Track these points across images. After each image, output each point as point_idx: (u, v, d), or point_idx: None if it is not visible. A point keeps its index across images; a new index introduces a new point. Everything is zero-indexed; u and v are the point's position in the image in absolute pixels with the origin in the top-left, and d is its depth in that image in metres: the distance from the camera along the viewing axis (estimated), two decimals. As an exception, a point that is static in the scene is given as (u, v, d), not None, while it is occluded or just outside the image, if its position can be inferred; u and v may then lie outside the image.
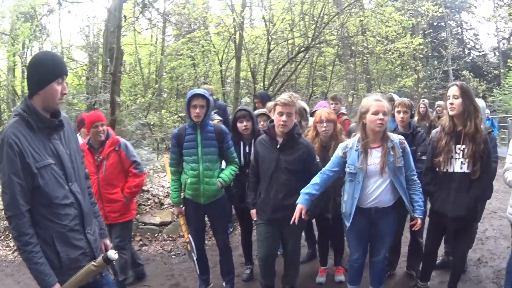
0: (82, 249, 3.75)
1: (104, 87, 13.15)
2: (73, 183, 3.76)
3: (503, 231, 9.37)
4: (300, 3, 18.53)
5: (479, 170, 5.48)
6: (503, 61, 48.73)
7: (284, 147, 5.85)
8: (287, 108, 5.67)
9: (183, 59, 24.78)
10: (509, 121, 23.86)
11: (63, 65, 3.67)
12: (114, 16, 12.71)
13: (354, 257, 5.92)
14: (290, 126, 5.77)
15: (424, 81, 32.27)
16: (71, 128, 3.97)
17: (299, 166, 5.88)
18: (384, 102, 5.37)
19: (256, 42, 20.83)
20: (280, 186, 5.85)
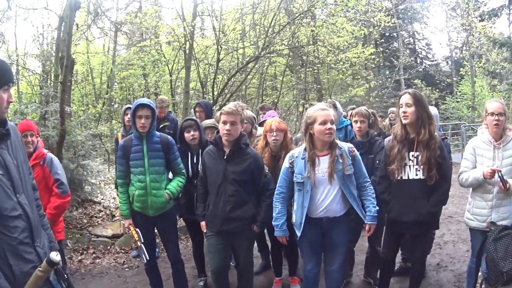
0: (33, 263, 3.52)
1: (55, 96, 12.88)
2: (20, 194, 3.51)
3: (461, 235, 9.57)
4: (252, 13, 18.39)
5: (435, 176, 5.49)
6: (455, 69, 50.01)
7: (231, 158, 5.83)
8: (231, 117, 5.68)
9: (134, 69, 24.80)
10: (463, 127, 24.43)
11: (9, 73, 3.51)
12: (66, 24, 12.49)
13: (308, 267, 5.84)
14: (235, 135, 5.78)
15: (376, 91, 32.64)
16: (18, 138, 3.82)
17: (247, 176, 5.86)
18: (330, 110, 5.36)
19: (206, 52, 20.78)
20: (228, 198, 5.80)
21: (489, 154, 5.61)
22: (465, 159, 5.82)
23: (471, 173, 5.63)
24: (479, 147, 5.69)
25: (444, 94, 44.58)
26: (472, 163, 5.76)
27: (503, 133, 5.57)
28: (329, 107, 5.51)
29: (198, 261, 7.71)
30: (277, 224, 5.65)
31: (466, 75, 46.51)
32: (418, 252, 6.10)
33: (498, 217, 5.59)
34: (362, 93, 27.14)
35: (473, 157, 5.75)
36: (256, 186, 5.97)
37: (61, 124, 10.26)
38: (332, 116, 5.26)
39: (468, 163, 5.78)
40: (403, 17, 48.42)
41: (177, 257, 6.77)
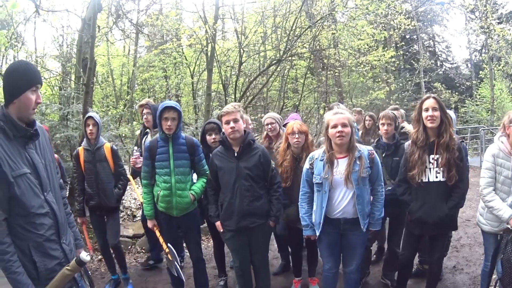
0: (58, 259, 3.69)
1: (77, 97, 13.03)
2: (48, 192, 3.70)
3: (477, 238, 9.51)
4: (273, 16, 18.47)
5: (455, 176, 5.59)
6: (475, 72, 49.51)
7: (241, 155, 6.04)
8: (232, 115, 5.91)
9: (155, 70, 24.76)
10: (482, 131, 24.18)
11: (36, 74, 3.63)
12: (88, 26, 12.61)
13: (327, 267, 5.96)
14: (241, 131, 6.00)
15: (396, 94, 32.41)
16: (46, 138, 3.93)
17: (259, 170, 6.07)
18: (344, 114, 5.47)
19: (228, 54, 20.77)
20: (244, 193, 5.97)
21: (507, 165, 5.63)
22: (488, 170, 5.77)
23: (501, 207, 5.54)
24: (498, 156, 5.69)
25: (463, 97, 44.18)
26: (494, 172, 5.73)
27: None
28: (345, 110, 5.66)
29: (219, 261, 7.81)
30: (306, 224, 5.81)
31: (486, 78, 45.99)
32: (437, 254, 6.20)
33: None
34: (383, 96, 27.05)
35: (494, 166, 5.73)
36: (266, 180, 6.18)
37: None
38: (346, 119, 5.38)
39: (492, 173, 5.73)
40: (423, 19, 48.00)
41: (199, 257, 6.91)
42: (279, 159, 6.89)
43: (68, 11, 16.77)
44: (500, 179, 5.70)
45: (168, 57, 23.42)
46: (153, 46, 22.85)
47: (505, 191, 5.70)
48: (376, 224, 5.74)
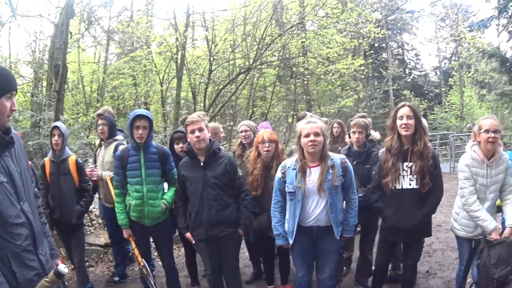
0: (36, 270, 3.55)
1: (49, 104, 12.90)
2: (24, 202, 3.55)
3: (449, 243, 9.70)
4: (243, 24, 18.47)
5: (429, 184, 5.66)
6: (444, 80, 50.11)
7: (207, 164, 6.00)
8: (197, 124, 5.86)
9: (125, 78, 24.80)
10: (451, 137, 24.52)
11: (12, 80, 3.51)
12: (61, 32, 12.51)
13: (300, 274, 5.96)
14: (206, 141, 5.96)
15: (364, 101, 32.66)
16: (21, 145, 3.81)
17: (225, 179, 6.05)
18: (316, 123, 5.48)
19: (197, 62, 20.73)
20: (211, 202, 5.94)
21: (481, 173, 5.73)
22: (467, 180, 5.84)
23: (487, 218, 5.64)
24: (472, 165, 5.78)
25: (432, 105, 44.74)
26: (473, 181, 5.80)
27: (495, 150, 5.70)
28: (318, 120, 5.66)
29: (191, 270, 7.78)
30: (278, 233, 5.79)
31: (455, 85, 46.59)
32: (411, 260, 6.28)
33: None
34: (351, 104, 27.21)
35: (471, 175, 5.81)
36: (233, 189, 6.18)
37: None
38: (319, 128, 5.38)
39: (472, 182, 5.81)
40: (393, 27, 48.62)
41: (171, 265, 6.87)
42: (250, 167, 6.91)
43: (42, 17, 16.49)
44: (476, 187, 5.80)
45: (138, 65, 23.36)
46: (123, 53, 22.75)
47: (481, 198, 5.79)
48: (349, 231, 5.76)
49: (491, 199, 5.79)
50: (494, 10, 24.80)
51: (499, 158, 5.71)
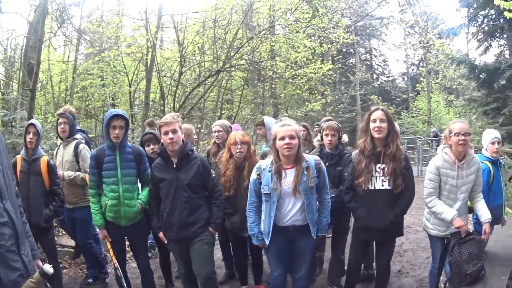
0: (19, 271, 3.46)
1: (21, 103, 12.74)
2: (6, 201, 3.47)
3: (420, 243, 9.91)
4: (213, 27, 18.51)
5: (401, 185, 5.76)
6: (411, 85, 50.56)
7: (180, 165, 5.98)
8: (171, 126, 5.82)
9: (93, 78, 24.65)
10: (418, 141, 25.05)
11: None
12: (35, 30, 12.37)
13: (275, 274, 5.97)
14: (179, 142, 5.94)
15: (332, 106, 32.81)
16: (3, 144, 3.72)
17: (198, 180, 6.02)
18: (291, 126, 5.50)
19: (167, 64, 20.71)
20: (183, 204, 5.92)
21: (452, 174, 5.84)
22: (431, 181, 5.98)
23: (444, 211, 5.80)
24: (443, 167, 5.89)
25: (399, 110, 45.42)
26: (437, 183, 5.95)
27: (466, 152, 5.83)
28: (293, 123, 5.65)
29: (165, 271, 7.75)
30: (253, 233, 5.81)
31: (422, 91, 47.14)
32: (383, 259, 6.33)
33: None
34: (319, 108, 27.33)
35: (437, 177, 5.93)
36: (205, 189, 6.15)
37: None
38: (294, 131, 5.42)
39: (434, 184, 5.94)
40: (361, 33, 48.97)
41: (147, 266, 6.81)
42: (222, 168, 6.93)
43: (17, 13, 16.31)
44: (447, 188, 5.91)
45: (107, 66, 23.23)
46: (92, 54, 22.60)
47: (452, 198, 5.93)
48: (323, 230, 5.83)
49: (461, 199, 5.90)
50: (464, 19, 25.19)
51: (470, 160, 5.84)
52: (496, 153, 6.76)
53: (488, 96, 22.29)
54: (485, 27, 23.03)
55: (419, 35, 42.23)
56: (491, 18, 22.58)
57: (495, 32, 22.49)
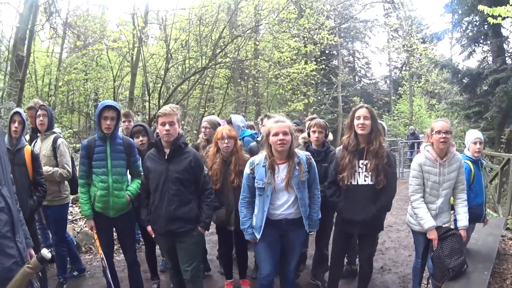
0: (14, 258, 3.41)
1: (8, 94, 12.70)
2: (3, 186, 3.44)
3: (401, 242, 10.12)
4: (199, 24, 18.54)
5: (383, 181, 5.88)
6: (394, 88, 50.74)
7: (171, 157, 5.90)
8: (169, 117, 5.78)
9: (77, 73, 24.53)
10: (400, 143, 25.50)
11: None
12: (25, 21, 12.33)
13: (264, 274, 5.98)
14: (175, 135, 5.87)
15: (314, 106, 32.91)
16: (0, 130, 3.72)
17: (189, 175, 5.93)
18: (285, 123, 5.58)
19: (152, 60, 20.78)
20: (171, 197, 5.84)
21: (434, 171, 5.99)
22: (415, 178, 6.12)
23: (425, 217, 5.94)
24: (425, 164, 6.04)
25: (381, 112, 45.51)
26: (421, 180, 6.07)
27: (447, 150, 5.98)
28: (286, 119, 5.74)
29: (151, 264, 7.71)
30: (245, 228, 5.86)
31: (404, 94, 47.43)
32: (366, 253, 6.46)
33: (440, 222, 6.02)
34: (301, 108, 27.42)
35: (421, 174, 6.07)
36: (197, 186, 6.05)
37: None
38: (287, 128, 5.50)
39: (419, 180, 6.07)
40: (345, 36, 49.15)
41: (134, 258, 6.79)
42: (209, 162, 6.95)
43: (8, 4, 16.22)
44: (429, 185, 6.04)
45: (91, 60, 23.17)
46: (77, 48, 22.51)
47: (434, 195, 6.06)
48: (314, 225, 5.95)
49: (444, 195, 6.03)
50: (448, 24, 25.39)
51: (452, 157, 5.98)
52: (477, 153, 6.91)
53: (471, 100, 22.54)
54: (469, 33, 23.25)
55: (403, 39, 42.62)
56: (475, 24, 22.83)
57: (479, 38, 22.72)
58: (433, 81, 42.58)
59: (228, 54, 19.43)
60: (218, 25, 19.16)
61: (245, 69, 24.06)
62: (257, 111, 27.18)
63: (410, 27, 39.32)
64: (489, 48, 22.94)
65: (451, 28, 25.17)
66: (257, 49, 22.17)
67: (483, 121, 21.35)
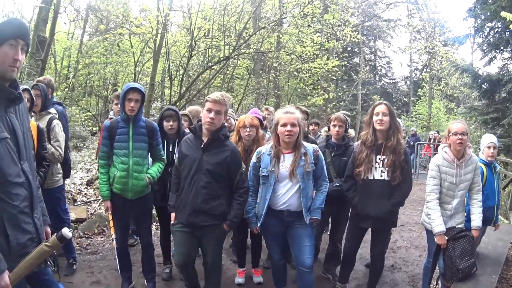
0: (30, 234, 3.46)
1: (28, 73, 12.81)
2: (24, 161, 3.45)
3: (413, 242, 10.12)
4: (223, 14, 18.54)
5: (399, 177, 5.91)
6: (413, 90, 50.49)
7: (208, 147, 5.61)
8: (217, 105, 5.50)
9: (97, 56, 24.57)
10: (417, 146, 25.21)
11: (20, 28, 3.31)
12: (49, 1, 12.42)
13: (275, 258, 6.15)
14: (218, 125, 5.58)
15: (333, 102, 32.83)
16: (25, 106, 3.67)
17: (222, 169, 5.60)
18: (294, 114, 5.57)
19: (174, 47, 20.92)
20: (200, 189, 5.54)
21: (451, 172, 5.99)
22: (433, 178, 6.11)
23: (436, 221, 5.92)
24: (443, 165, 6.04)
25: (400, 113, 45.21)
26: (439, 180, 6.07)
27: (464, 151, 5.99)
28: (295, 111, 5.72)
29: (164, 249, 7.71)
30: (249, 217, 5.91)
31: (424, 96, 47.23)
32: (379, 247, 6.50)
33: (454, 222, 6.03)
34: (321, 103, 27.41)
35: (439, 174, 6.06)
36: (230, 182, 5.70)
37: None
38: (295, 119, 5.51)
39: (436, 181, 6.06)
40: (368, 34, 49.00)
41: (149, 241, 6.76)
42: (230, 150, 6.89)
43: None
44: (446, 185, 6.04)
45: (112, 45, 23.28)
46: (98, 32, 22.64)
47: (450, 195, 6.06)
48: (315, 212, 5.81)
49: (459, 196, 6.04)
50: (470, 29, 25.35)
51: (468, 159, 5.99)
52: (491, 157, 6.89)
53: (489, 106, 22.48)
54: (491, 38, 23.12)
55: (425, 40, 42.30)
56: (497, 30, 22.71)
57: (500, 44, 22.59)
58: (452, 85, 42.40)
59: (251, 45, 19.49)
60: (242, 16, 19.22)
61: (267, 61, 24.12)
62: (276, 104, 27.20)
63: (433, 29, 39.18)
64: (509, 55, 22.86)
65: (473, 33, 25.15)
66: (280, 42, 22.13)
67: (500, 127, 21.28)
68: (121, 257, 6.55)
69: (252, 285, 7.44)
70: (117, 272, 6.85)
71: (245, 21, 19.15)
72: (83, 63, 25.47)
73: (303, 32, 21.81)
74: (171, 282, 7.45)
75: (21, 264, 3.34)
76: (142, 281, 7.04)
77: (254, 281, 7.47)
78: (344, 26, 22.24)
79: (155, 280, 6.96)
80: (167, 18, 17.08)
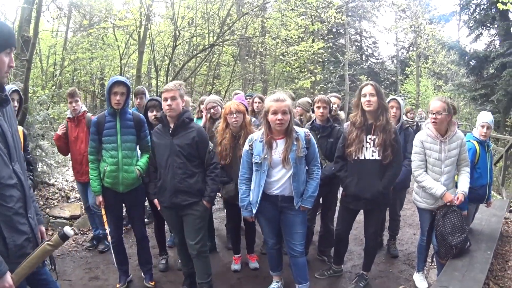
0: (26, 234, 3.45)
1: (15, 74, 12.73)
2: (15, 163, 3.44)
3: (406, 220, 10.19)
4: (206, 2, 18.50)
5: (390, 156, 5.94)
6: (401, 68, 50.59)
7: (175, 131, 5.98)
8: (170, 93, 5.82)
9: (83, 52, 24.51)
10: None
11: (12, 36, 3.34)
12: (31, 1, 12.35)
13: (270, 243, 6.20)
14: (177, 110, 5.90)
15: (321, 84, 32.84)
16: (11, 107, 3.64)
17: (192, 149, 5.97)
18: (285, 102, 5.56)
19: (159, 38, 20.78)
20: (175, 169, 5.93)
21: (435, 148, 6.09)
22: (417, 154, 6.24)
23: (434, 186, 6.03)
24: (426, 141, 6.11)
25: (388, 92, 45.48)
26: (423, 156, 6.20)
27: (448, 128, 6.05)
28: (286, 97, 5.69)
29: (159, 240, 7.74)
30: (243, 205, 5.91)
31: (411, 74, 47.37)
32: (371, 228, 6.50)
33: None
34: (308, 85, 27.41)
35: (423, 150, 6.16)
36: (202, 161, 6.09)
37: (24, 102, 9.89)
38: (286, 106, 5.49)
39: (421, 156, 6.20)
40: (352, 14, 48.97)
41: (143, 233, 6.80)
42: (218, 138, 6.95)
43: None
44: (431, 161, 6.13)
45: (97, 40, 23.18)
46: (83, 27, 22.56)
47: (437, 172, 6.17)
48: (307, 201, 5.82)
49: (447, 172, 6.14)
50: (456, 6, 25.34)
51: (453, 135, 6.05)
52: (483, 136, 6.89)
53: (477, 82, 22.60)
54: (477, 15, 23.22)
55: (410, 19, 42.37)
56: (483, 7, 22.77)
57: (487, 21, 22.69)
58: (440, 62, 42.57)
59: (236, 32, 19.51)
60: (225, 3, 19.16)
61: (253, 47, 24.09)
62: (264, 88, 27.17)
63: (418, 8, 39.21)
64: (496, 31, 22.91)
65: (459, 10, 25.20)
66: (264, 26, 22.13)
67: (489, 103, 21.39)
68: (116, 251, 6.55)
69: (249, 271, 7.45)
70: (114, 267, 6.84)
71: (228, 7, 19.09)
72: (68, 59, 25.44)
73: (287, 15, 21.80)
74: (168, 273, 7.45)
75: (24, 264, 3.36)
76: (139, 273, 7.07)
77: (250, 267, 7.52)
78: (328, 8, 22.19)
79: (152, 272, 6.99)
80: (150, 9, 17.01)
